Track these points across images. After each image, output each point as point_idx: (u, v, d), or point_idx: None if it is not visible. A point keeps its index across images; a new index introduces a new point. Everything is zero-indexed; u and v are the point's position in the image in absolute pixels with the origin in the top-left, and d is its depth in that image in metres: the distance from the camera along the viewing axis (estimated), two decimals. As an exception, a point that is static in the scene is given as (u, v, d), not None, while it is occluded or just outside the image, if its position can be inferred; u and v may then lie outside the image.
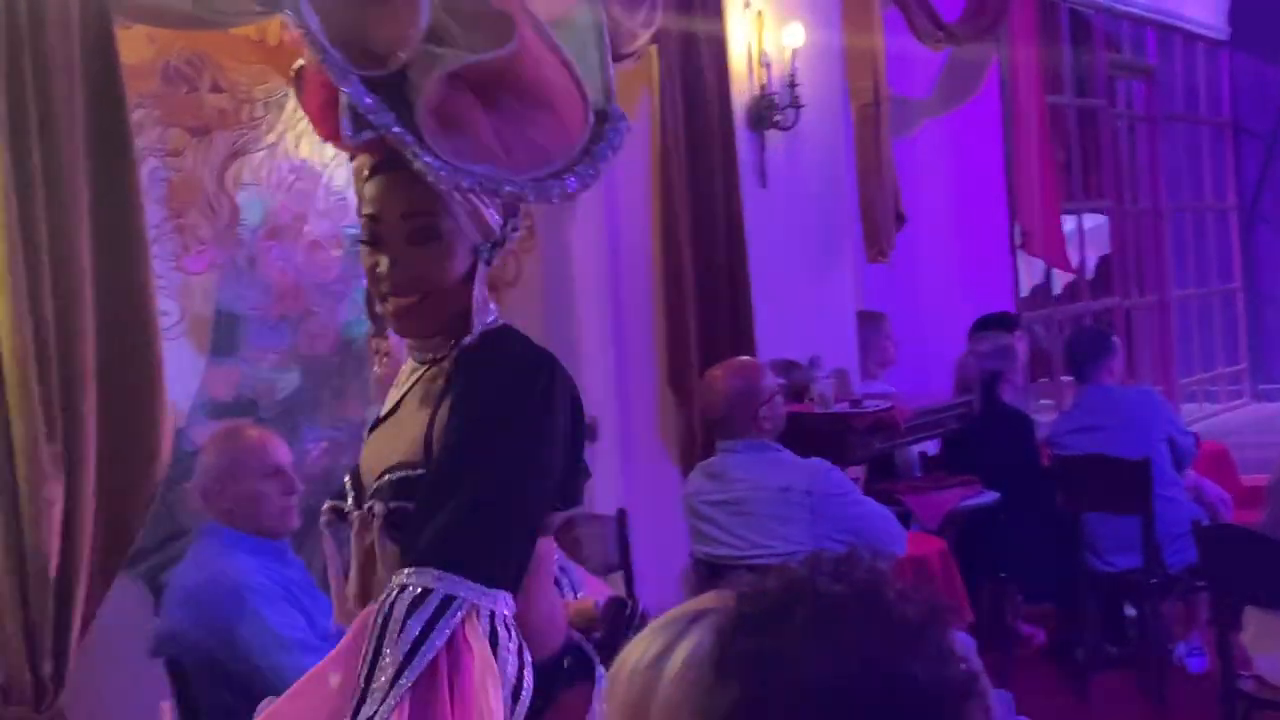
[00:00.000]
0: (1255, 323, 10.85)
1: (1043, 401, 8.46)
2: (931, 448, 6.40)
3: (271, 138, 4.44)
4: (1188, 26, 10.20)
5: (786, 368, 5.64)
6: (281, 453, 3.54)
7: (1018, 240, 7.80)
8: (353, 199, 4.79)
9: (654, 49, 5.20)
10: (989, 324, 6.69)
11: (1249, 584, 4.02)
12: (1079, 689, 5.62)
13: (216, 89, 4.27)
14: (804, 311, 6.10)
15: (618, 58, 4.90)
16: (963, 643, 0.97)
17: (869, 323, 6.81)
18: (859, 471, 5.64)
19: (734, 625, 0.96)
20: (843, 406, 5.66)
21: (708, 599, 1.05)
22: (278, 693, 2.08)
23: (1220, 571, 4.15)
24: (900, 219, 6.79)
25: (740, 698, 0.93)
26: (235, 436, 3.60)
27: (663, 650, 1.01)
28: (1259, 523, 4.08)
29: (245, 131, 4.33)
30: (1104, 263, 9.77)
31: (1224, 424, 9.71)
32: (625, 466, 5.47)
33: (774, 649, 0.93)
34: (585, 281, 5.41)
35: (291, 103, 4.50)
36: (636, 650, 1.03)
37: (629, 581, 5.00)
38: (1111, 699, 5.61)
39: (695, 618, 1.01)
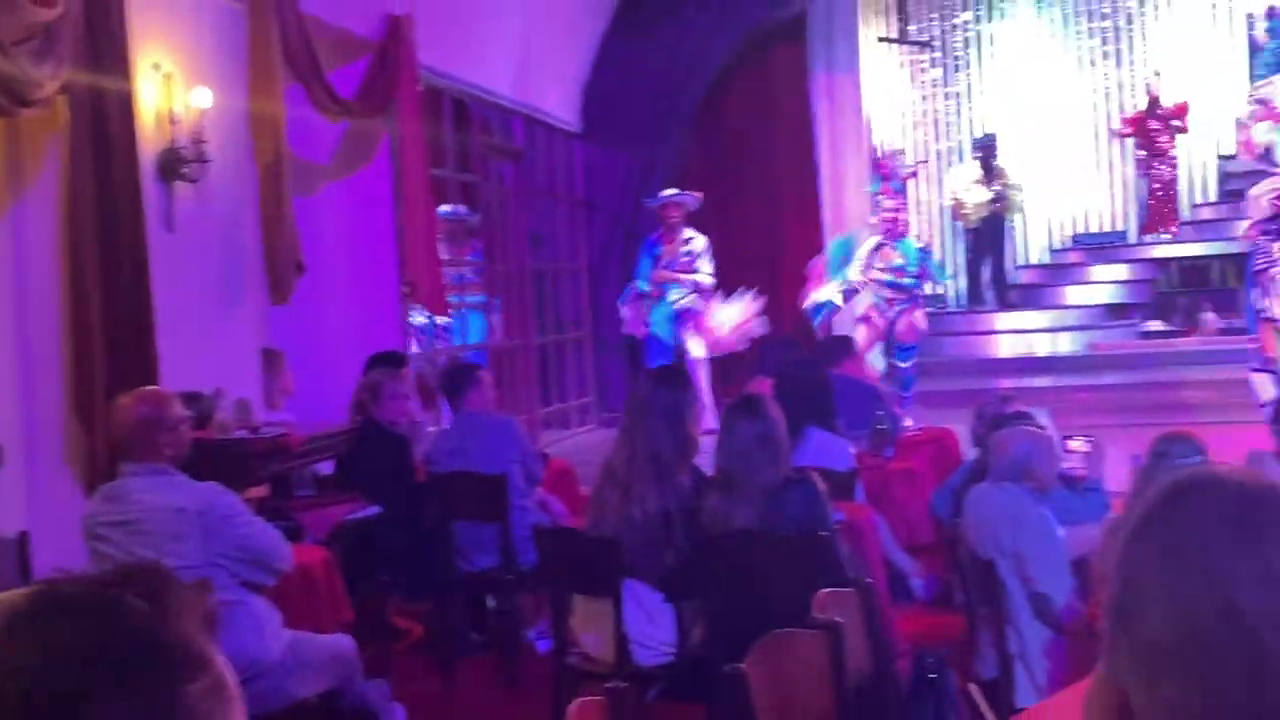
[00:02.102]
0: (600, 363, 11.54)
1: (429, 429, 8.57)
2: (328, 468, 6.32)
3: None
4: (548, 119, 10.74)
5: (191, 398, 5.38)
6: None
7: (406, 290, 7.87)
8: None
9: (64, 99, 4.84)
10: (379, 361, 6.69)
11: (574, 576, 4.23)
12: (448, 674, 5.70)
13: None
14: (210, 347, 5.86)
15: (25, 104, 4.53)
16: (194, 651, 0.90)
17: (271, 358, 6.64)
18: (264, 490, 5.48)
19: None
20: (242, 433, 5.48)
21: None
22: None
23: (554, 566, 4.33)
24: (300, 267, 6.66)
25: None
26: None
27: None
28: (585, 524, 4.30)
29: None
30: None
31: (574, 445, 10.24)
32: (30, 490, 5.02)
33: None
34: (-12, 312, 4.94)
35: None
36: None
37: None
38: (476, 680, 5.72)
39: None
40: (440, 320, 8.85)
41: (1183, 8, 14.70)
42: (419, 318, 8.92)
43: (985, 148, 13.48)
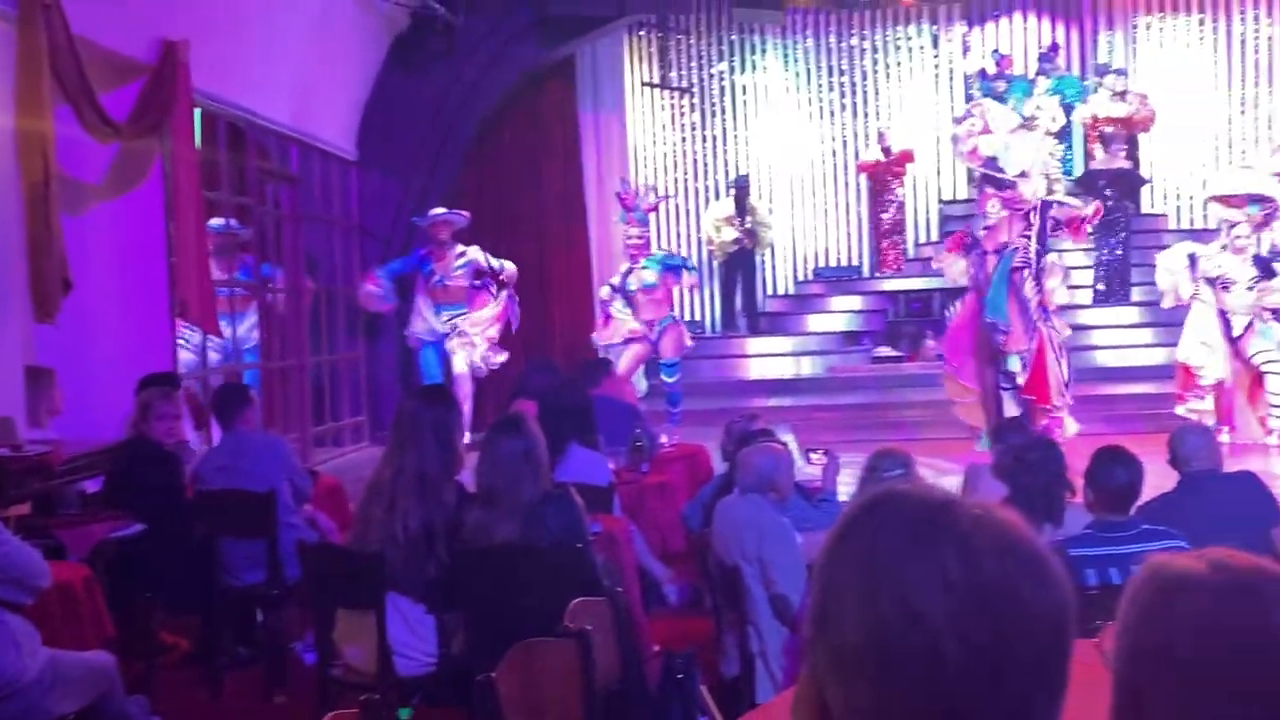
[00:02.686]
0: (373, 384, 11.31)
1: (200, 447, 8.23)
2: (96, 485, 5.97)
3: None
4: (324, 146, 10.49)
5: (-53, 417, 5.03)
6: None
7: (177, 310, 7.54)
8: None
9: None
10: (152, 382, 6.38)
11: (338, 590, 4.12)
12: (216, 687, 5.47)
13: None
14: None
15: None
16: None
17: (38, 377, 6.25)
18: (26, 508, 5.14)
19: None
20: (4, 451, 5.14)
21: None
22: None
23: (318, 581, 4.21)
24: (67, 286, 6.29)
25: None
26: None
27: None
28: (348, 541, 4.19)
29: None
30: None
31: (347, 463, 10.00)
32: None
33: None
34: None
35: None
36: None
37: None
38: (243, 693, 5.50)
39: None
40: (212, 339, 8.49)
41: (910, 69, 15.51)
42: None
43: (740, 188, 13.88)
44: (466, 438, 5.30)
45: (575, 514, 3.87)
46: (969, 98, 15.25)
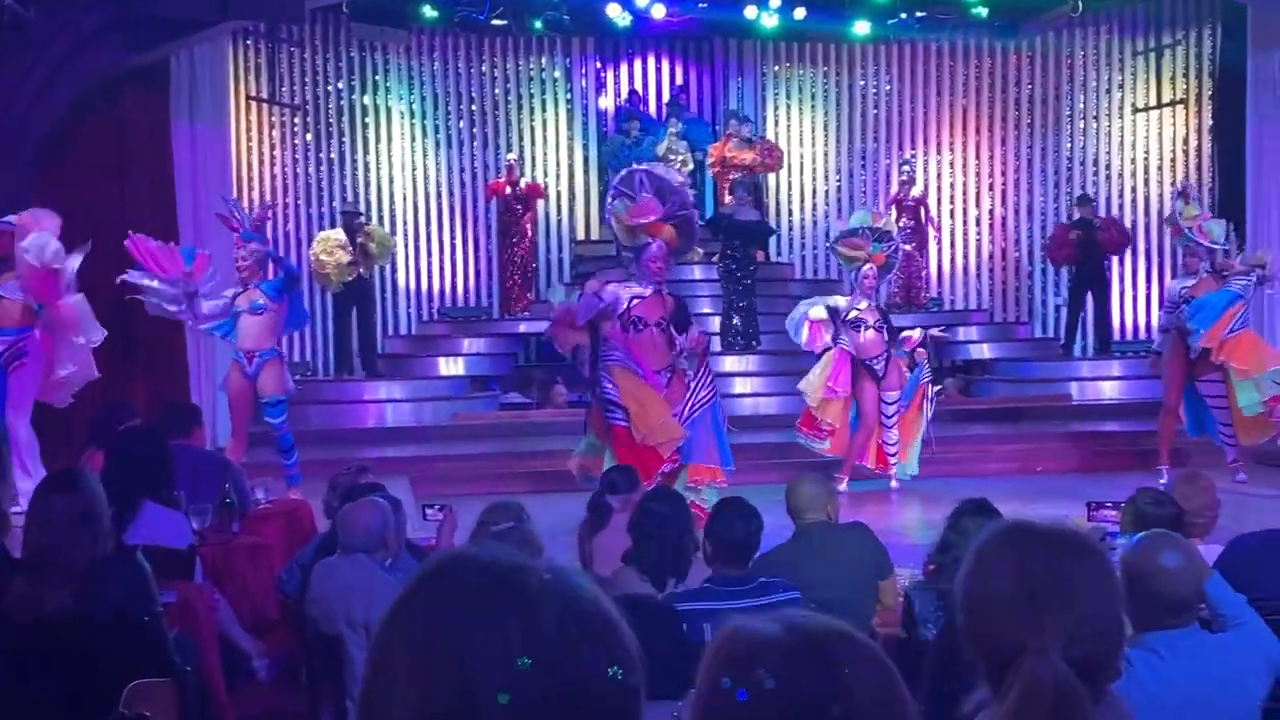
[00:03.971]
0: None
1: None
2: None
3: None
4: None
5: None
6: None
7: None
8: None
9: None
10: None
11: None
12: None
13: None
14: None
15: None
16: None
17: None
18: None
19: None
20: None
21: None
22: None
23: None
24: None
25: None
26: None
27: None
28: None
29: None
30: None
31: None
32: None
33: None
34: None
35: None
36: None
37: None
38: None
39: None
40: None
41: (542, 102, 15.88)
42: None
43: (347, 215, 13.55)
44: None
45: (142, 581, 3.64)
46: (602, 133, 15.80)
